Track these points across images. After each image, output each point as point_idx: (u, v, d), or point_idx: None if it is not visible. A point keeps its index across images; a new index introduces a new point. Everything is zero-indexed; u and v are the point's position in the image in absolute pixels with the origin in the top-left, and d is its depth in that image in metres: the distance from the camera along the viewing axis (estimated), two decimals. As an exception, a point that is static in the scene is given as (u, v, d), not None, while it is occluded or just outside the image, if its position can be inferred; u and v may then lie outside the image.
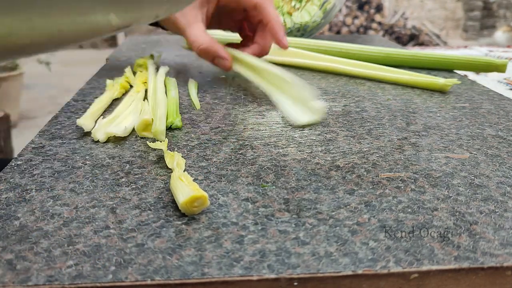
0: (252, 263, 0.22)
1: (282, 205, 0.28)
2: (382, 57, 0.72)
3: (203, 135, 0.40)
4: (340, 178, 0.32)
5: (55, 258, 0.22)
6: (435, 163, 0.34)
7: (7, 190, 0.29)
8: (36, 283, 0.21)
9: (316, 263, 0.22)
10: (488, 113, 0.48)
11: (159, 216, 0.27)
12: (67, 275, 0.21)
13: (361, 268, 0.22)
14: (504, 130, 0.42)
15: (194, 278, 0.21)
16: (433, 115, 0.47)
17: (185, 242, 0.24)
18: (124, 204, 0.28)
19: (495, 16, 4.34)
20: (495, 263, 0.23)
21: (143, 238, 0.24)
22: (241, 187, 0.30)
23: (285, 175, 0.32)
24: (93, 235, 0.24)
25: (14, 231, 0.25)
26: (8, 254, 0.23)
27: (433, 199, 0.29)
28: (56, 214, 0.27)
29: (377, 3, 3.97)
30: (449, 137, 0.40)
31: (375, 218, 0.26)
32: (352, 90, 0.57)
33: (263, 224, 0.26)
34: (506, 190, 0.30)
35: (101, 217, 0.26)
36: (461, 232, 0.25)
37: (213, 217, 0.27)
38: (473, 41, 4.25)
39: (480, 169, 0.33)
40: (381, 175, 0.32)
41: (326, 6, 0.81)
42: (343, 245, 0.24)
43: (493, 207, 0.28)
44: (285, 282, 0.22)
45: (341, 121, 0.44)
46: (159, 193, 0.29)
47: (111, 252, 0.23)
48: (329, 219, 0.26)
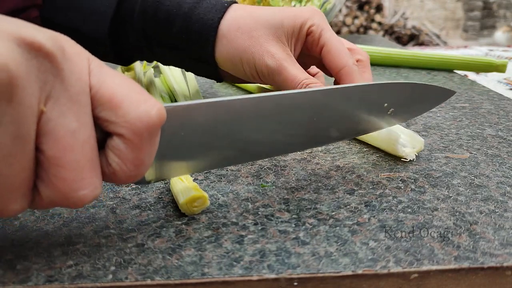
0: (252, 263, 0.22)
1: (282, 205, 0.28)
2: (382, 57, 0.72)
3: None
4: (340, 178, 0.32)
5: (55, 258, 0.22)
6: (435, 163, 0.34)
7: (7, 190, 0.29)
8: (36, 283, 0.21)
9: (316, 263, 0.22)
10: (488, 113, 0.48)
11: (159, 216, 0.27)
12: (67, 275, 0.21)
13: (361, 268, 0.22)
14: (504, 130, 0.42)
15: (194, 278, 0.21)
16: (433, 115, 0.47)
17: (185, 242, 0.24)
18: (124, 204, 0.28)
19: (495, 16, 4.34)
20: (495, 263, 0.23)
21: (143, 238, 0.24)
22: (241, 187, 0.30)
23: (285, 175, 0.32)
24: (93, 235, 0.24)
25: (14, 231, 0.25)
26: (8, 254, 0.23)
27: (433, 199, 0.29)
28: (56, 214, 0.27)
29: (377, 3, 3.96)
30: (449, 137, 0.40)
31: (375, 218, 0.26)
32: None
33: (263, 224, 0.26)
34: (506, 190, 0.30)
35: (101, 217, 0.26)
36: (461, 232, 0.25)
37: (213, 217, 0.27)
38: (473, 41, 4.25)
39: (480, 169, 0.33)
40: (381, 175, 0.32)
41: (326, 6, 0.81)
42: (343, 245, 0.24)
43: (493, 207, 0.28)
44: (285, 282, 0.22)
45: (341, 121, 0.44)
46: (159, 193, 0.29)
47: (111, 252, 0.23)
48: (329, 219, 0.26)
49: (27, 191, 0.19)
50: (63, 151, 0.18)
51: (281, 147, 0.30)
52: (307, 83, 0.38)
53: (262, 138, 0.28)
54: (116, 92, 0.19)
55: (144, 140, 0.20)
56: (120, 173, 0.20)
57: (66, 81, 0.18)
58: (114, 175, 0.20)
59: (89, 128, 0.19)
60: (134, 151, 0.20)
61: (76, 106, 0.19)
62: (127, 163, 0.20)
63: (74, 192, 0.19)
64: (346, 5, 3.93)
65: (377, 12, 3.96)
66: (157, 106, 0.20)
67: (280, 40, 0.39)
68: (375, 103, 0.32)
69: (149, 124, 0.19)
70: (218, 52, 0.40)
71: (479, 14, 4.41)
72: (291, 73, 0.38)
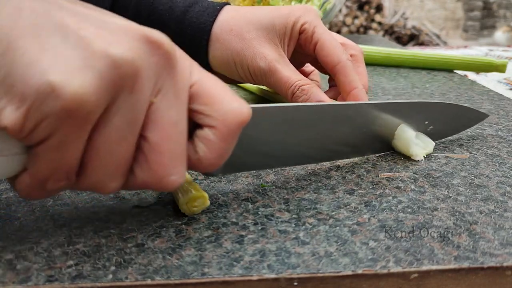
0: (252, 263, 0.22)
1: (282, 205, 0.28)
2: (382, 57, 0.72)
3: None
4: (340, 178, 0.32)
5: (55, 258, 0.22)
6: (435, 163, 0.34)
7: (7, 190, 0.29)
8: (36, 283, 0.21)
9: (316, 263, 0.22)
10: (488, 113, 0.48)
11: (159, 216, 0.27)
12: (67, 275, 0.21)
13: (361, 268, 0.22)
14: (504, 130, 0.42)
15: (194, 278, 0.21)
16: (433, 115, 0.47)
17: (185, 242, 0.24)
18: (124, 204, 0.28)
19: (495, 16, 4.34)
20: (495, 263, 0.23)
21: (143, 238, 0.24)
22: (241, 187, 0.30)
23: (285, 175, 0.32)
24: (93, 235, 0.24)
25: (14, 231, 0.25)
26: (8, 254, 0.23)
27: (433, 199, 0.29)
28: (56, 214, 0.27)
29: (377, 3, 3.96)
30: (449, 137, 0.40)
31: (375, 218, 0.26)
32: (352, 90, 0.57)
33: (263, 224, 0.26)
34: (506, 190, 0.30)
35: (101, 217, 0.26)
36: (461, 232, 0.25)
37: (213, 217, 0.27)
38: (473, 41, 4.25)
39: (480, 169, 0.33)
40: (381, 175, 0.32)
41: (326, 6, 0.81)
42: (343, 245, 0.24)
43: (493, 207, 0.28)
44: (285, 282, 0.22)
45: (341, 121, 0.44)
46: (159, 193, 0.29)
47: (111, 252, 0.23)
48: (329, 219, 0.26)
49: (126, 171, 0.21)
50: (165, 139, 0.21)
51: (330, 154, 0.33)
52: (299, 85, 0.39)
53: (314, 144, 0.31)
54: (212, 90, 0.22)
55: (232, 132, 0.22)
56: (205, 160, 0.22)
57: (175, 78, 0.21)
58: (199, 162, 0.22)
59: (185, 120, 0.21)
60: (221, 142, 0.22)
61: (179, 100, 0.21)
62: (213, 152, 0.22)
63: (167, 177, 0.21)
64: (346, 5, 3.93)
65: (377, 12, 3.96)
66: (245, 104, 0.22)
67: (272, 41, 0.39)
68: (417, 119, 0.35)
69: (241, 119, 0.22)
70: (211, 55, 0.40)
71: (479, 14, 4.41)
72: (284, 74, 0.39)
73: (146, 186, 0.22)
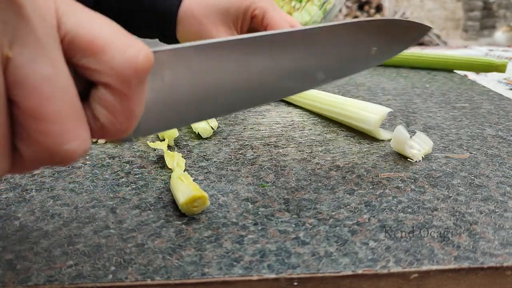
0: (252, 263, 0.22)
1: (282, 205, 0.28)
2: (382, 57, 0.72)
3: (203, 135, 0.40)
4: (340, 178, 0.32)
5: (55, 258, 0.22)
6: (435, 163, 0.34)
7: (7, 190, 0.29)
8: (36, 283, 0.21)
9: (316, 263, 0.22)
10: (488, 113, 0.48)
11: (159, 216, 0.27)
12: (67, 275, 0.21)
13: (361, 268, 0.22)
14: (504, 130, 0.42)
15: (194, 278, 0.21)
16: (433, 115, 0.47)
17: (185, 242, 0.24)
18: (124, 204, 0.28)
19: (495, 16, 4.34)
20: (495, 263, 0.23)
21: (143, 238, 0.24)
22: (241, 187, 0.30)
23: (285, 175, 0.32)
24: (93, 235, 0.24)
25: (14, 231, 0.25)
26: (8, 254, 0.23)
27: (433, 199, 0.29)
28: (56, 214, 0.27)
29: (377, 3, 3.96)
30: (449, 137, 0.40)
31: (375, 218, 0.26)
32: (352, 90, 0.57)
33: (263, 224, 0.26)
34: (506, 190, 0.30)
35: (101, 217, 0.26)
36: (461, 232, 0.25)
37: (213, 217, 0.27)
38: (473, 41, 4.25)
39: (480, 169, 0.33)
40: (381, 175, 0.32)
41: (326, 6, 0.81)
42: (343, 245, 0.24)
43: (493, 207, 0.28)
44: (285, 282, 0.22)
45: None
46: (159, 193, 0.29)
47: (111, 252, 0.23)
48: (329, 219, 0.26)
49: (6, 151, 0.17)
50: (40, 100, 0.16)
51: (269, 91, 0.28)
52: None
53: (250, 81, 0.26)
54: (96, 36, 0.17)
55: (133, 88, 0.18)
56: (109, 126, 0.19)
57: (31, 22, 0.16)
58: (103, 129, 0.19)
59: (65, 74, 0.17)
60: (123, 101, 0.18)
61: (46, 50, 0.16)
62: (116, 115, 0.18)
63: (60, 146, 0.17)
64: (346, 5, 3.93)
65: (377, 12, 3.96)
66: (144, 50, 0.18)
67: (227, 25, 0.43)
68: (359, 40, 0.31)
69: (138, 70, 0.18)
70: (179, 36, 0.44)
71: (479, 14, 4.40)
72: None
73: (41, 163, 0.18)
